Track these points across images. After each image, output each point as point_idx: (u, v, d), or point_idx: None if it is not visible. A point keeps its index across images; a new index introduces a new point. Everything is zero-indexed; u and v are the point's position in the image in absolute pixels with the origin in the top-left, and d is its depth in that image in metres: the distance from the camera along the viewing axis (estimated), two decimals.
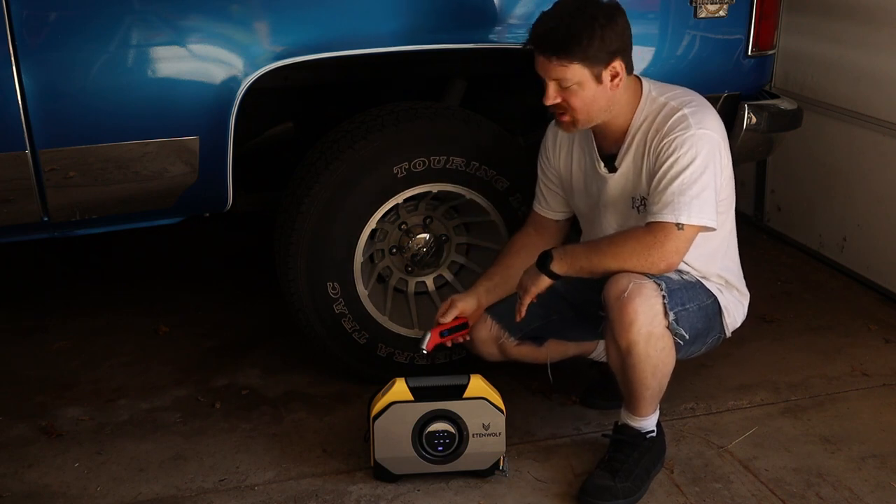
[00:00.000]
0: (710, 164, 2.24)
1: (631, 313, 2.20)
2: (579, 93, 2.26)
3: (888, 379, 2.90)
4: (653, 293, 2.22)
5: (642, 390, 2.32)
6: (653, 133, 2.30)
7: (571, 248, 2.38)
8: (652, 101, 2.33)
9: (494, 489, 2.38)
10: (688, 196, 2.22)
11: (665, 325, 2.24)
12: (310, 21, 2.49)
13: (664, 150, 2.26)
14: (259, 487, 2.40)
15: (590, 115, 2.30)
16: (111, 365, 3.02)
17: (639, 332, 2.22)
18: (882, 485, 2.39)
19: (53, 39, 2.28)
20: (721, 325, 2.43)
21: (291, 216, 2.64)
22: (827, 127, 3.64)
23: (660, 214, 2.24)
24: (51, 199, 2.39)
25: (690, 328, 2.29)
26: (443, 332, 2.51)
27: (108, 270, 3.76)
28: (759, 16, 2.82)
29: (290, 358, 3.03)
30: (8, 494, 2.37)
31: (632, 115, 2.34)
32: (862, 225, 3.55)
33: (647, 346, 2.23)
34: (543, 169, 2.59)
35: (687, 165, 2.22)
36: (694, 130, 2.24)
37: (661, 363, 2.27)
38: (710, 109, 2.33)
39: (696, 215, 2.22)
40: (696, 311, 2.32)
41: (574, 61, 2.22)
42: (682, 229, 2.22)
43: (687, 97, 2.33)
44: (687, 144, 2.23)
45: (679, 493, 2.36)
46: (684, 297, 2.30)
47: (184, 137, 2.43)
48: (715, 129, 2.29)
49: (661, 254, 2.23)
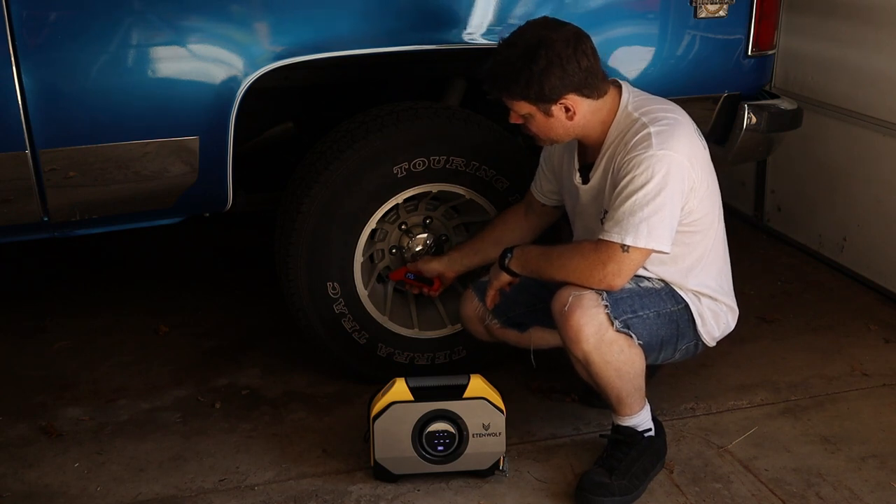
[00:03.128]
0: (666, 187, 2.18)
1: (575, 325, 2.22)
2: (532, 122, 2.28)
3: (888, 379, 2.90)
4: (592, 303, 2.22)
5: (616, 392, 2.33)
6: (621, 148, 2.26)
7: (529, 249, 2.42)
8: (626, 116, 2.28)
9: (494, 489, 2.38)
10: (637, 217, 2.18)
11: (614, 329, 2.23)
12: (309, 21, 2.49)
13: (624, 168, 2.22)
14: (259, 487, 2.40)
15: (551, 138, 2.32)
16: (111, 365, 3.02)
17: (588, 342, 2.22)
18: (882, 485, 2.39)
19: (53, 39, 2.28)
20: (694, 332, 2.40)
21: (291, 216, 2.64)
22: (827, 127, 3.64)
23: (608, 233, 2.22)
24: (51, 199, 2.38)
25: (649, 334, 2.29)
26: (408, 274, 2.74)
27: (108, 270, 3.76)
28: (759, 16, 2.81)
29: (290, 358, 3.03)
30: (8, 494, 2.37)
31: (607, 131, 2.31)
32: (862, 225, 3.55)
33: (601, 353, 2.24)
34: (545, 157, 2.59)
35: (641, 186, 2.18)
36: (654, 151, 2.18)
37: (623, 365, 2.27)
38: (681, 128, 2.24)
39: (643, 238, 2.18)
40: (655, 318, 2.31)
41: (513, 99, 2.24)
42: (626, 251, 2.19)
43: (661, 113, 2.26)
44: (644, 165, 2.18)
45: (679, 493, 2.36)
46: (636, 304, 2.28)
47: (184, 137, 2.43)
48: (680, 150, 2.20)
49: (602, 274, 2.22)
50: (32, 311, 3.39)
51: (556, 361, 2.63)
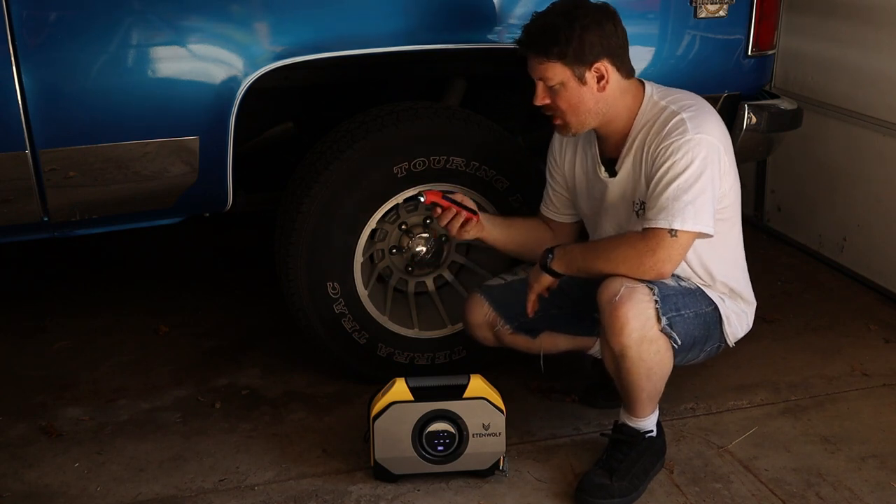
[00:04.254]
0: (706, 170, 2.22)
1: (622, 317, 2.20)
2: (563, 94, 2.27)
3: (888, 379, 2.90)
4: (644, 297, 2.21)
5: (638, 392, 2.32)
6: (651, 137, 2.29)
7: (571, 247, 2.39)
8: (653, 106, 2.32)
9: (494, 489, 2.38)
10: (682, 202, 2.20)
11: (658, 328, 2.23)
12: (309, 21, 2.49)
13: (661, 155, 2.24)
14: (259, 487, 2.40)
15: (579, 117, 2.31)
16: (111, 365, 3.02)
17: (630, 336, 2.21)
18: (882, 485, 2.39)
19: (53, 39, 2.28)
20: (721, 334, 2.42)
21: (291, 216, 2.64)
22: (827, 127, 3.64)
23: (654, 220, 2.23)
24: (51, 199, 2.38)
25: (686, 334, 2.29)
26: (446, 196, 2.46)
27: (108, 270, 3.76)
28: (759, 16, 2.81)
29: (289, 358, 3.03)
30: (8, 494, 2.37)
31: (633, 120, 2.33)
32: (862, 225, 3.55)
33: (640, 350, 2.23)
34: (551, 172, 2.59)
35: (682, 171, 2.21)
36: (691, 135, 2.22)
37: (655, 366, 2.27)
38: (710, 114, 2.31)
39: (689, 221, 2.20)
40: (693, 318, 2.32)
41: (552, 59, 2.24)
42: (675, 236, 2.20)
43: (688, 101, 2.32)
44: (683, 150, 2.22)
45: (679, 493, 2.36)
46: (679, 302, 2.29)
47: (184, 137, 2.43)
48: (714, 133, 2.26)
49: (653, 262, 2.22)
50: (32, 311, 3.39)
51: (556, 362, 2.64)
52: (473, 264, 2.88)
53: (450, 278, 2.91)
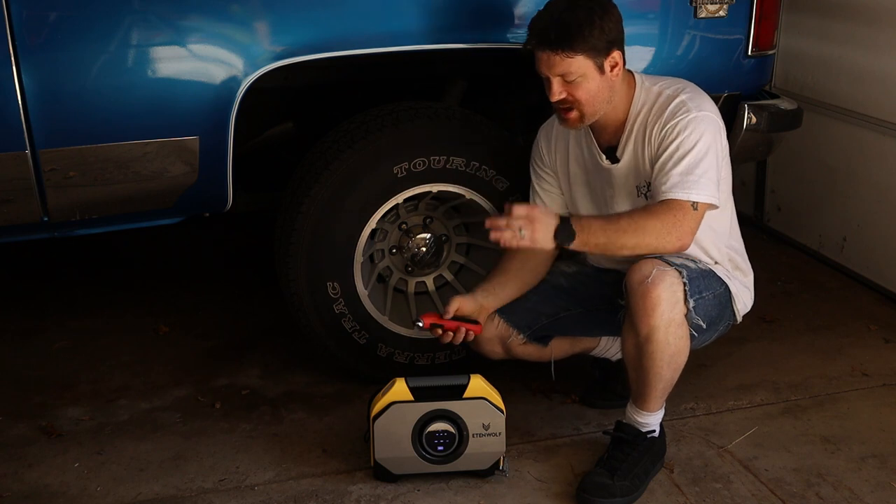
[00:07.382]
0: (712, 145, 2.28)
1: (654, 298, 2.22)
2: (584, 85, 2.28)
3: (888, 379, 2.90)
4: (675, 280, 2.24)
5: (656, 382, 2.32)
6: (652, 120, 2.33)
7: (590, 220, 2.29)
8: (647, 91, 2.37)
9: (494, 489, 2.38)
10: (695, 175, 2.24)
11: (684, 312, 2.25)
12: (309, 21, 2.49)
13: (668, 135, 2.29)
14: (259, 487, 2.40)
15: (595, 107, 2.33)
16: (111, 365, 3.02)
17: (661, 318, 2.23)
18: (882, 485, 2.39)
19: (53, 39, 2.28)
20: (732, 311, 2.45)
21: (291, 216, 2.64)
22: (827, 127, 3.64)
23: (671, 192, 2.25)
24: (51, 199, 2.39)
25: (706, 316, 2.32)
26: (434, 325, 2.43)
27: (108, 270, 3.76)
28: (759, 16, 2.82)
29: (289, 358, 3.03)
30: (8, 494, 2.37)
31: (629, 106, 2.37)
32: (862, 225, 3.55)
33: (667, 333, 2.25)
34: (538, 172, 2.58)
35: (692, 146, 2.26)
36: (695, 113, 2.28)
37: (677, 352, 2.29)
38: (703, 94, 2.38)
39: (705, 193, 2.25)
40: (712, 300, 2.35)
41: (577, 53, 2.24)
42: (696, 208, 2.25)
43: (679, 84, 2.38)
44: (690, 127, 2.27)
45: (679, 493, 2.36)
46: (701, 285, 2.32)
47: (184, 137, 2.43)
48: (713, 111, 2.33)
49: (679, 233, 2.24)
50: (32, 311, 3.39)
51: (556, 362, 2.64)
52: (474, 264, 2.89)
53: (450, 278, 2.91)
